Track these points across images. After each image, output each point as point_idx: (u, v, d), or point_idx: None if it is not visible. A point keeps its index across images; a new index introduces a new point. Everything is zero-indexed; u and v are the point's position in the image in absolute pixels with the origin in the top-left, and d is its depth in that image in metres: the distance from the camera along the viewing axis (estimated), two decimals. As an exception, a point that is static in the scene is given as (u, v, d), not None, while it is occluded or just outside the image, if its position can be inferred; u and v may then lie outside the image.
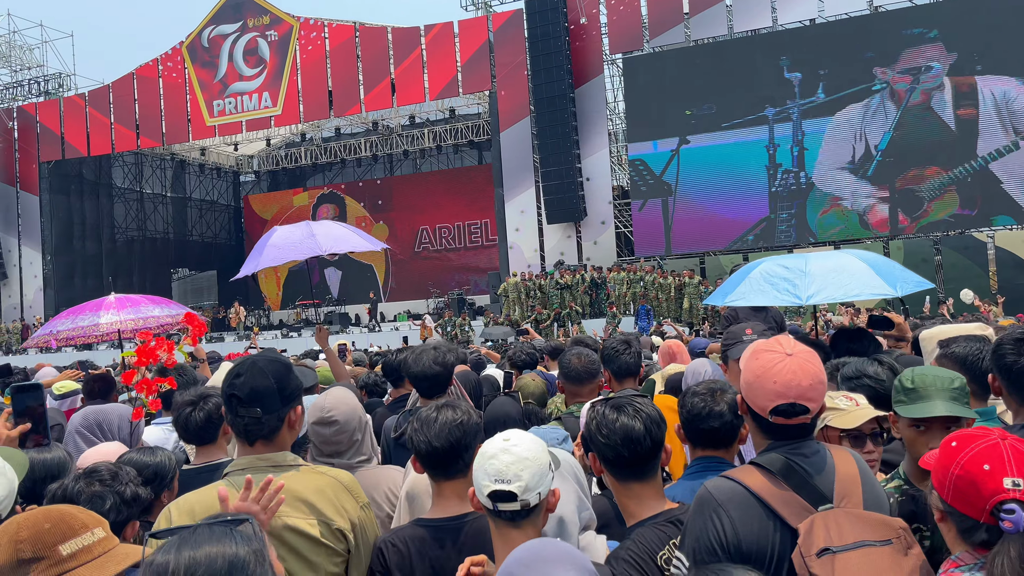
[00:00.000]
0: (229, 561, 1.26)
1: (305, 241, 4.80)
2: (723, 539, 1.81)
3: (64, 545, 1.44)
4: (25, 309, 30.37)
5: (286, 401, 2.21)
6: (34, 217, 30.27)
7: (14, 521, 1.48)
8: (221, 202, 38.03)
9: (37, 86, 30.97)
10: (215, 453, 3.23)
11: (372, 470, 2.84)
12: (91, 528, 1.49)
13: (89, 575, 1.43)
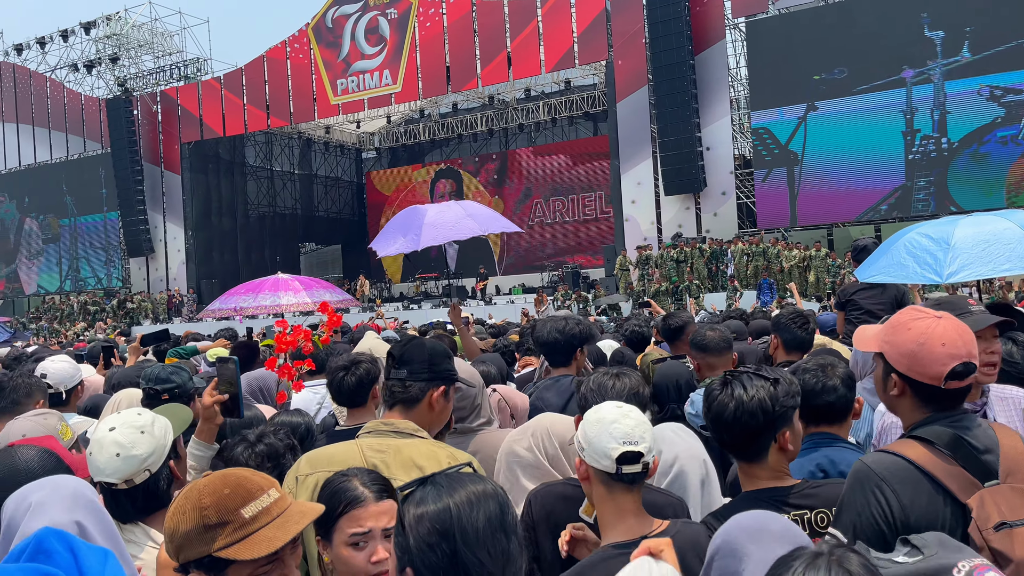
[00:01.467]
0: (497, 501, 1.34)
1: (462, 222, 4.98)
2: (888, 515, 1.76)
3: (245, 508, 1.50)
4: (169, 281, 32.63)
5: (433, 377, 2.33)
6: (177, 195, 32.37)
7: (195, 488, 1.55)
8: (344, 178, 39.42)
9: (177, 71, 32.94)
10: (364, 416, 3.37)
11: (492, 433, 2.92)
12: (266, 490, 1.55)
13: (273, 535, 1.49)
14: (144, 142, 32.22)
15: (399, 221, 5.70)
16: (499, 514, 1.33)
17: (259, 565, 1.49)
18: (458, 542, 1.29)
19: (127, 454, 2.15)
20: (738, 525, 1.56)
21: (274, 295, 6.05)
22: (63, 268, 36.29)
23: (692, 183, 23.08)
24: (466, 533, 1.29)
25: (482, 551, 1.29)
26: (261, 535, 1.48)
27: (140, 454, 2.16)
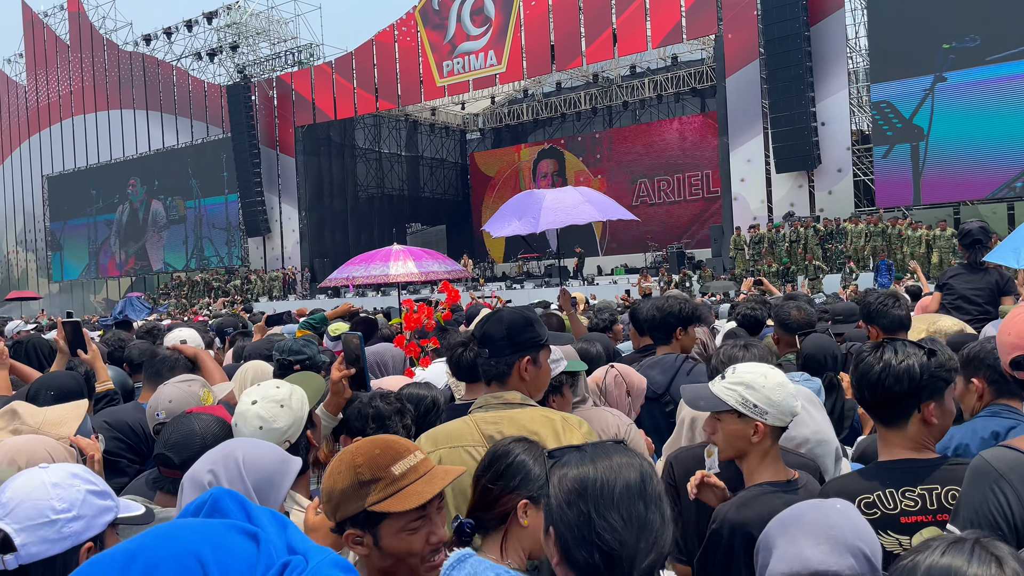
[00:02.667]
0: (640, 471, 1.40)
1: (581, 207, 5.04)
2: (1008, 513, 1.69)
3: (395, 466, 1.61)
4: (285, 259, 34.10)
5: (515, 349, 2.35)
6: (291, 177, 33.70)
7: (348, 451, 1.68)
8: (449, 160, 40.00)
9: (292, 57, 34.19)
10: (482, 391, 3.47)
11: (586, 411, 2.95)
12: (413, 451, 1.67)
13: (422, 489, 1.59)
14: (261, 126, 33.64)
15: (515, 204, 5.75)
16: (639, 483, 1.38)
17: (409, 520, 1.59)
18: (591, 504, 1.35)
19: (269, 427, 2.29)
20: (778, 517, 1.65)
21: (384, 265, 6.24)
22: (188, 247, 38.52)
23: (805, 160, 22.18)
24: (601, 496, 1.36)
25: (614, 515, 1.34)
26: (411, 490, 1.59)
27: (280, 427, 2.30)
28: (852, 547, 1.56)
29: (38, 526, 1.51)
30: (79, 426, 2.59)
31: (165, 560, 0.92)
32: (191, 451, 2.35)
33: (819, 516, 1.63)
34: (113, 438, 3.33)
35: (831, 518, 1.63)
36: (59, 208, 44.06)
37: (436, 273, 6.23)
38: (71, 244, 43.77)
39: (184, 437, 2.40)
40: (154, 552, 0.93)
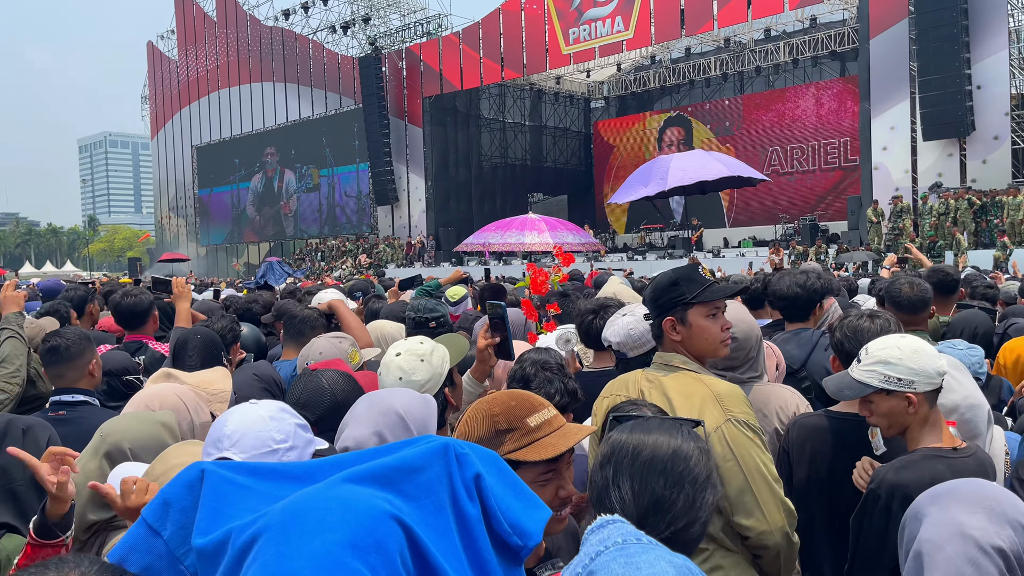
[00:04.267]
0: (674, 450, 1.42)
1: (710, 164, 4.93)
2: None
3: (530, 418, 1.65)
4: (412, 228, 35.08)
5: (659, 311, 2.41)
6: (418, 147, 34.51)
7: (484, 401, 1.73)
8: (573, 129, 39.75)
9: (420, 28, 34.80)
10: (608, 360, 3.46)
11: (763, 387, 2.86)
12: (547, 406, 1.71)
13: (556, 441, 1.62)
14: (391, 97, 34.54)
15: (641, 172, 5.70)
16: (668, 463, 1.41)
17: (540, 472, 1.62)
18: (612, 469, 1.42)
19: (408, 379, 2.40)
20: (930, 491, 1.64)
21: (519, 234, 6.35)
22: (322, 214, 40.32)
23: (958, 126, 20.60)
24: (620, 466, 1.41)
25: (625, 485, 1.39)
26: (545, 441, 1.62)
27: (418, 380, 2.40)
28: (1012, 519, 1.49)
29: (262, 455, 1.68)
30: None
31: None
32: (322, 407, 2.48)
33: (975, 487, 1.59)
34: (263, 389, 3.59)
35: (987, 488, 1.58)
36: (206, 176, 47.08)
37: (571, 245, 6.28)
38: (216, 210, 46.76)
39: (314, 393, 2.52)
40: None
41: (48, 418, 2.75)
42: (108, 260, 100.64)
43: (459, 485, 0.96)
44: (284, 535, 0.82)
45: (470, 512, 0.96)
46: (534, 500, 1.03)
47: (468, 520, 0.96)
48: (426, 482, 0.95)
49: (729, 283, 5.98)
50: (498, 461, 1.04)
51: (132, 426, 2.18)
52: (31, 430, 2.56)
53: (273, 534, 0.83)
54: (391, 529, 0.86)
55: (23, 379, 3.29)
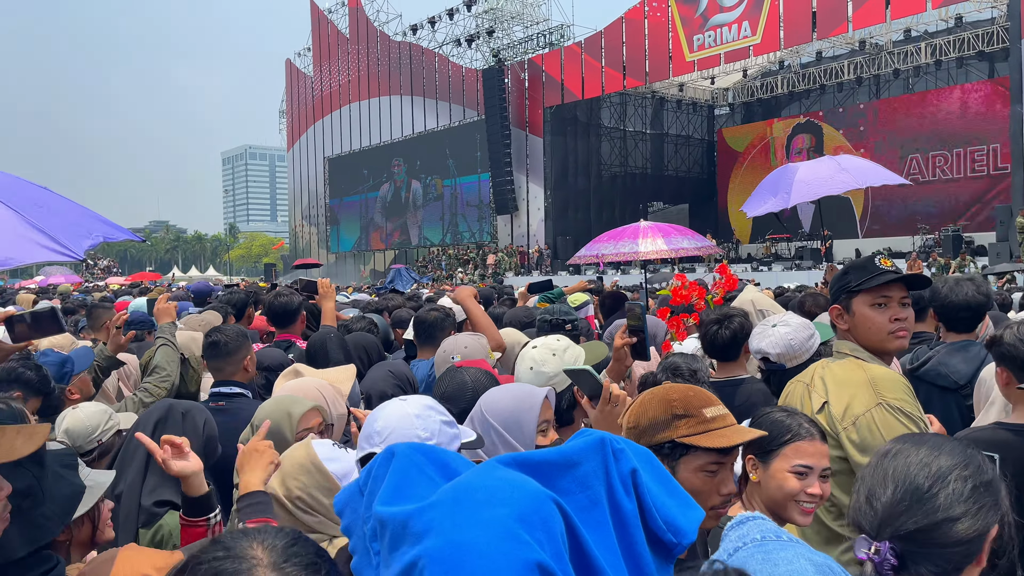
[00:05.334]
0: (933, 468, 1.38)
1: (836, 176, 4.73)
2: None
3: (707, 409, 1.71)
4: (530, 237, 35.40)
5: (832, 299, 2.51)
6: (538, 156, 34.82)
7: (659, 389, 1.81)
8: (695, 137, 39.02)
9: (543, 38, 35.17)
10: (734, 370, 3.40)
11: None
12: (720, 403, 1.77)
13: (731, 434, 1.69)
14: (512, 108, 35.04)
15: (769, 181, 5.53)
16: (918, 476, 1.40)
17: (710, 460, 1.68)
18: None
19: (537, 370, 2.57)
20: None
21: (633, 242, 6.29)
22: (444, 223, 41.35)
23: None
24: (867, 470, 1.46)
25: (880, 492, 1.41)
26: (721, 432, 1.69)
27: (547, 372, 2.56)
28: None
29: None
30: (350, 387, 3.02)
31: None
32: (464, 401, 2.60)
33: None
34: (396, 385, 3.77)
35: None
36: (337, 186, 49.28)
37: (686, 249, 6.17)
38: (346, 219, 48.83)
39: (458, 388, 2.65)
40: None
41: (209, 408, 2.99)
42: (246, 265, 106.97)
43: (616, 480, 0.99)
44: (457, 508, 0.88)
45: (627, 507, 0.98)
46: (688, 499, 1.05)
47: (625, 515, 0.97)
48: (582, 476, 0.97)
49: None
50: (652, 459, 1.06)
51: (266, 410, 2.38)
52: (189, 414, 2.79)
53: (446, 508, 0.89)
54: (553, 511, 0.90)
55: (173, 383, 3.58)
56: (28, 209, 1.60)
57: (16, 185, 1.77)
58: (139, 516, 2.56)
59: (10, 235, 1.50)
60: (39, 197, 1.77)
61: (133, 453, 2.73)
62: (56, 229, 1.60)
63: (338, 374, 3.08)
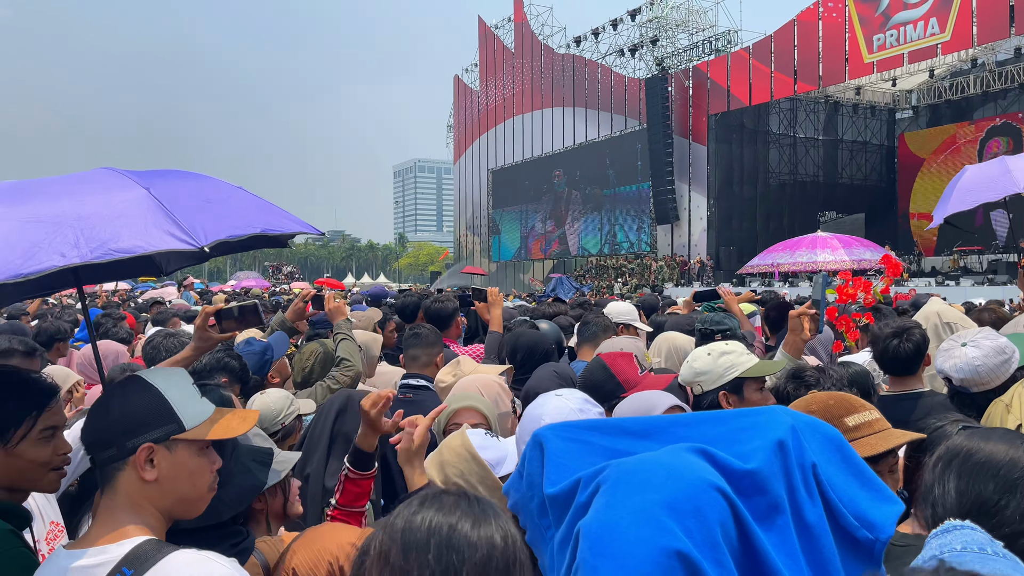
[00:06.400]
0: (1012, 458, 1.39)
1: (1000, 179, 4.22)
2: None
3: (848, 418, 1.69)
4: (691, 247, 34.66)
5: None
6: (701, 165, 34.06)
7: (802, 401, 1.82)
8: (873, 142, 36.72)
9: (708, 45, 34.42)
10: (912, 383, 3.23)
11: None
12: (868, 409, 1.74)
13: (875, 442, 1.66)
14: (676, 116, 34.53)
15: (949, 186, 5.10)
16: (1003, 469, 1.40)
17: None
18: (940, 469, 1.45)
19: (688, 367, 2.73)
20: None
21: (811, 252, 6.05)
22: (603, 233, 41.35)
23: None
24: (949, 465, 1.44)
25: (951, 483, 1.40)
26: (863, 441, 1.67)
27: (696, 368, 2.70)
28: None
29: None
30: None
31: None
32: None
33: None
34: (560, 384, 3.89)
35: None
36: (499, 197, 50.59)
37: (867, 261, 5.86)
38: (507, 229, 50.00)
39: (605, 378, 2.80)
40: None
41: (397, 398, 3.21)
42: (413, 273, 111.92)
43: (798, 482, 0.97)
44: (614, 489, 0.93)
45: (809, 512, 0.97)
46: (883, 491, 1.02)
47: (808, 520, 0.96)
48: (759, 480, 0.97)
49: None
50: (842, 446, 1.04)
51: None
52: None
53: (607, 487, 0.94)
54: (713, 499, 0.91)
55: (357, 372, 3.85)
56: (183, 204, 1.70)
57: (198, 187, 1.88)
58: (323, 496, 2.79)
59: (138, 224, 1.61)
60: (214, 196, 1.86)
61: (317, 440, 2.98)
62: (199, 220, 1.68)
63: (491, 369, 3.25)
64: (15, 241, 1.51)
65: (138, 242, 1.58)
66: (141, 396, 1.56)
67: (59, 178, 1.83)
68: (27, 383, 1.77)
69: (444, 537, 0.96)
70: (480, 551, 0.96)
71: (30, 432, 1.72)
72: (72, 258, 1.51)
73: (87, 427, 1.55)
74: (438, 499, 1.02)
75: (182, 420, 1.57)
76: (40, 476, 1.76)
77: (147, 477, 1.51)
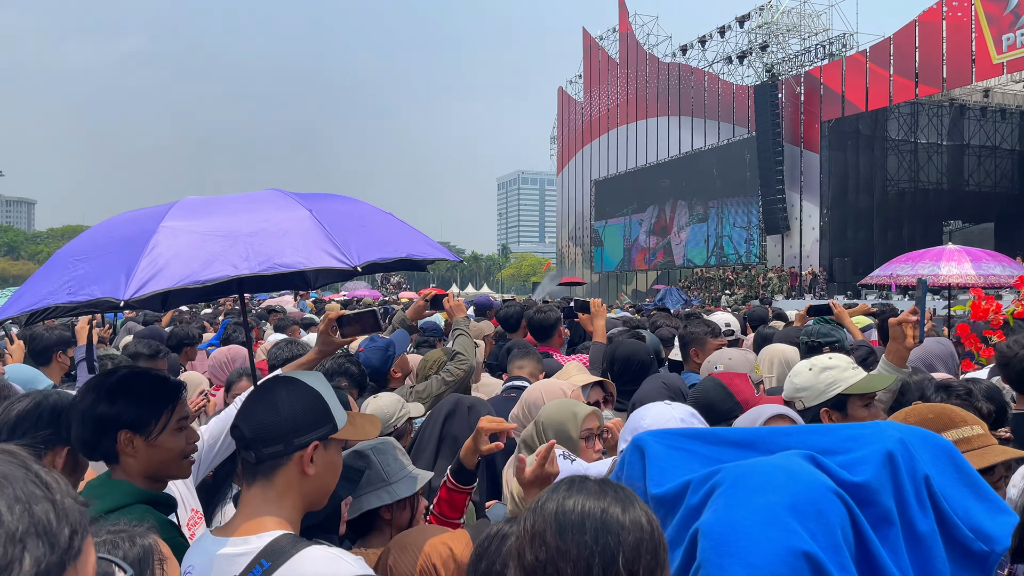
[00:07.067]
0: None
1: None
2: None
3: (947, 432, 1.64)
4: (803, 259, 33.46)
5: None
6: (814, 173, 32.88)
7: (902, 412, 1.79)
8: (1003, 147, 34.49)
9: (822, 50, 33.24)
10: (1034, 402, 3.08)
11: None
12: (970, 424, 1.67)
13: (972, 460, 1.56)
14: (786, 124, 33.50)
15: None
16: None
17: None
18: None
19: (789, 380, 2.68)
20: None
21: (934, 265, 5.74)
22: (709, 244, 40.50)
23: None
24: None
25: None
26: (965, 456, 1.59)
27: (796, 384, 2.63)
28: None
29: None
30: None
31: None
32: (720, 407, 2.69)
33: None
34: (670, 397, 3.93)
35: None
36: (602, 208, 50.39)
37: (997, 277, 5.51)
38: (610, 240, 49.71)
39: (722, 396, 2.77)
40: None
41: (503, 398, 3.34)
42: (515, 284, 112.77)
43: (909, 494, 0.98)
44: (733, 490, 0.97)
45: (921, 524, 0.97)
46: (997, 503, 1.01)
47: (919, 532, 0.96)
48: (867, 492, 0.98)
49: None
50: (955, 457, 1.04)
51: (551, 411, 2.61)
52: (474, 408, 3.14)
53: (725, 488, 0.98)
54: (833, 503, 0.93)
55: (470, 366, 3.99)
56: (340, 226, 1.86)
57: (353, 210, 2.05)
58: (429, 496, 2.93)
59: (300, 242, 1.77)
60: (367, 220, 2.03)
61: (427, 442, 3.12)
62: (353, 241, 1.82)
63: (581, 377, 3.35)
64: (198, 252, 1.71)
65: (299, 258, 1.74)
66: (305, 397, 1.69)
67: (234, 197, 2.05)
68: (160, 381, 1.96)
69: (598, 520, 1.02)
70: (632, 534, 1.01)
71: (167, 425, 1.89)
72: (242, 269, 1.69)
73: (249, 423, 1.67)
74: (584, 485, 1.08)
75: (336, 421, 1.71)
76: (176, 464, 1.93)
77: (309, 472, 1.65)
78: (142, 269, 1.65)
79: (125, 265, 1.68)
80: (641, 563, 0.99)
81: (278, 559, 1.50)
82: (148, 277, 1.64)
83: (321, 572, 1.49)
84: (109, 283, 1.67)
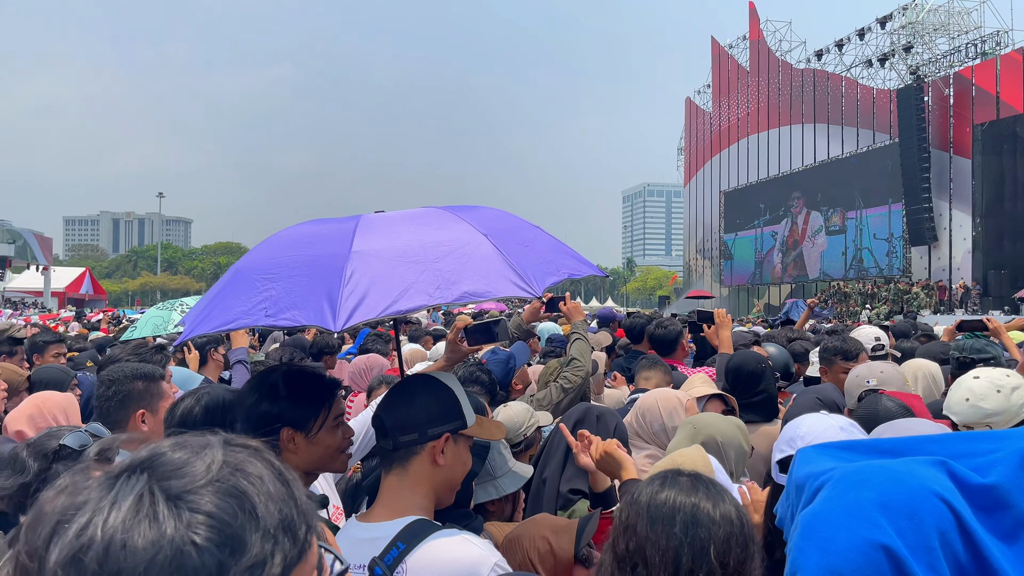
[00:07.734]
0: None
1: None
2: None
3: None
4: (952, 271, 31.29)
5: None
6: (965, 180, 30.74)
7: None
8: None
9: (973, 49, 31.11)
10: None
11: None
12: None
13: None
14: (933, 128, 31.56)
15: None
16: None
17: None
18: None
19: (974, 403, 2.47)
20: None
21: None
22: (847, 256, 38.58)
23: None
24: None
25: None
26: None
27: (986, 408, 2.44)
28: None
29: None
30: None
31: None
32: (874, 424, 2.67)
33: None
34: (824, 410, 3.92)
35: None
36: (731, 220, 49.07)
37: None
38: (739, 252, 48.30)
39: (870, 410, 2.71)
40: None
41: (625, 409, 3.37)
42: (641, 297, 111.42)
43: None
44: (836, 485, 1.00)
45: None
46: None
47: None
48: (1000, 495, 0.97)
49: None
50: None
51: (719, 423, 2.64)
52: (603, 417, 3.17)
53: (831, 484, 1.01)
54: (933, 505, 0.94)
55: (586, 372, 4.04)
56: (513, 249, 1.90)
57: (513, 226, 2.09)
58: (557, 500, 2.99)
59: (483, 268, 1.81)
60: (527, 238, 2.06)
61: (556, 447, 3.19)
62: (528, 266, 1.85)
63: (703, 387, 3.37)
64: (393, 280, 1.76)
65: (486, 287, 1.79)
66: (439, 393, 1.83)
67: (402, 214, 2.09)
68: (317, 380, 2.04)
69: (688, 514, 1.09)
70: (723, 528, 1.07)
71: (325, 422, 2.00)
72: (436, 299, 1.75)
73: (389, 414, 1.81)
74: (676, 480, 1.14)
75: (466, 418, 1.83)
76: (334, 458, 2.05)
77: (440, 462, 1.78)
78: (346, 299, 1.69)
79: (325, 292, 1.73)
80: (732, 555, 1.04)
81: (412, 541, 1.63)
82: (353, 307, 1.68)
83: (453, 552, 1.61)
84: (313, 311, 1.72)
